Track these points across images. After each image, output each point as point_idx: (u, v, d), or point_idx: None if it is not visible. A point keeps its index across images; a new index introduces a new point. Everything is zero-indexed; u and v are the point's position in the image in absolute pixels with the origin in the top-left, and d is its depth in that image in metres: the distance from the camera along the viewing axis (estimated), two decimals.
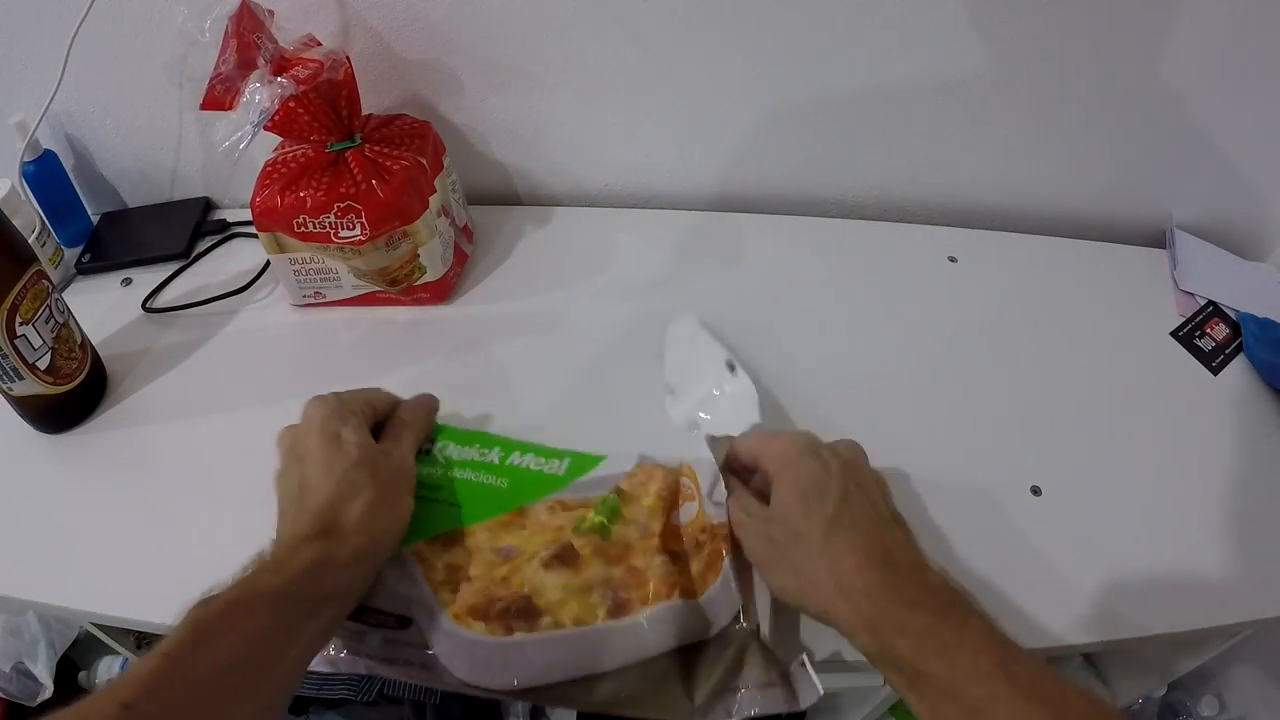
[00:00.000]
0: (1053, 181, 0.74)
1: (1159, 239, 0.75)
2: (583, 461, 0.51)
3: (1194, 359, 0.65)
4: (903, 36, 0.64)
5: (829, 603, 0.38)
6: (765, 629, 0.44)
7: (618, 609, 0.43)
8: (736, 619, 0.44)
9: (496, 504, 0.49)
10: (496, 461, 0.51)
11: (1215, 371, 0.64)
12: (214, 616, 0.35)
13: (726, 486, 0.48)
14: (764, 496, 0.44)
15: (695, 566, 0.46)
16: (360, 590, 0.42)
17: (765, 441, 0.46)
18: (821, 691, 0.40)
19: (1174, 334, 0.66)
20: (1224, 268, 0.73)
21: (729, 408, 0.55)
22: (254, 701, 0.35)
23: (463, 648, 0.42)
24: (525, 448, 0.53)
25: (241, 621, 0.35)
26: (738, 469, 0.48)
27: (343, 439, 0.44)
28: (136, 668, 0.33)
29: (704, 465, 0.49)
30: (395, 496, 0.44)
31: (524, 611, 0.43)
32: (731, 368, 0.57)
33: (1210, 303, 0.69)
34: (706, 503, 0.48)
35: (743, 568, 0.45)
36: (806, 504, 0.41)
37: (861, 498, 0.42)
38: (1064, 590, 0.50)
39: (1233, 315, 0.68)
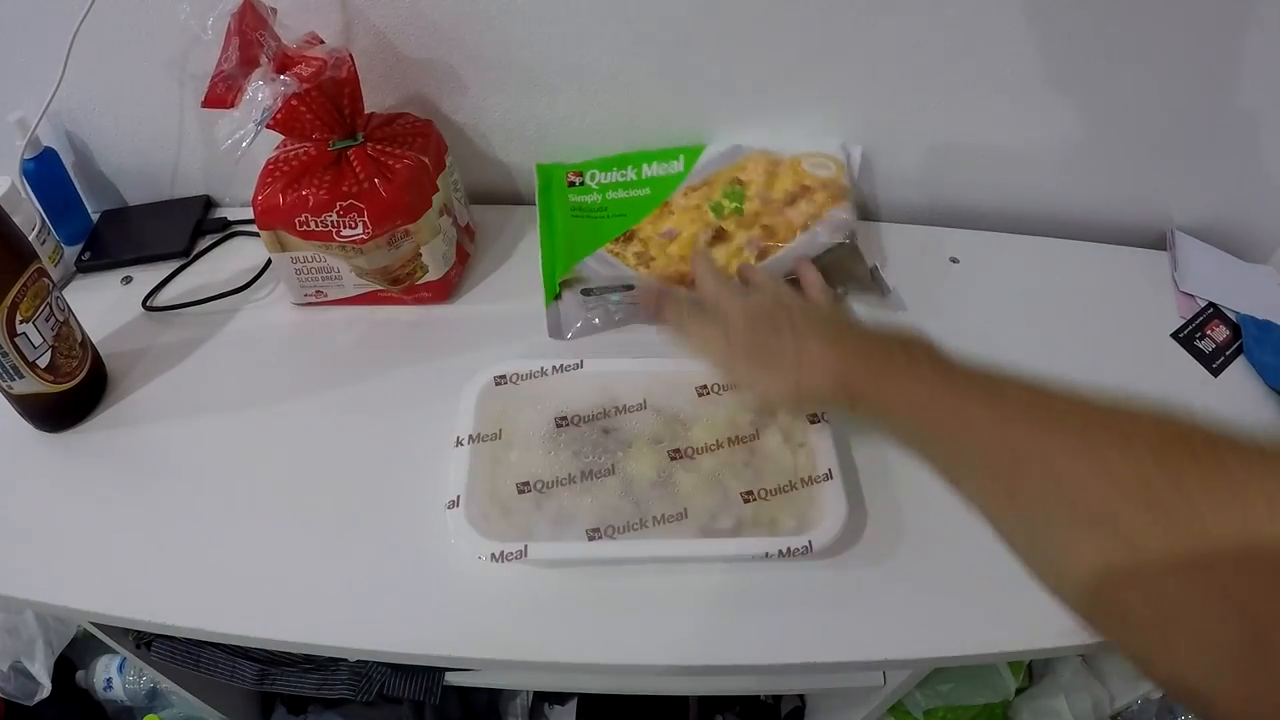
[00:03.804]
0: (1055, 184, 0.74)
1: (1160, 241, 0.75)
2: (691, 153, 0.70)
3: (1195, 360, 0.65)
4: (902, 35, 0.65)
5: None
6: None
7: (762, 254, 0.64)
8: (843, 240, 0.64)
9: (647, 206, 0.68)
10: (634, 177, 0.70)
11: (1216, 373, 0.64)
12: None
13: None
14: None
15: (812, 204, 0.66)
16: None
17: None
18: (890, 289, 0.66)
19: (1175, 335, 0.67)
20: (1224, 270, 0.73)
21: None
22: None
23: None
24: (649, 157, 0.71)
25: None
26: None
27: None
28: None
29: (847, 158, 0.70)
30: None
31: None
32: None
33: (1210, 304, 0.69)
34: (845, 175, 0.68)
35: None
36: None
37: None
38: None
39: (1233, 317, 0.68)
